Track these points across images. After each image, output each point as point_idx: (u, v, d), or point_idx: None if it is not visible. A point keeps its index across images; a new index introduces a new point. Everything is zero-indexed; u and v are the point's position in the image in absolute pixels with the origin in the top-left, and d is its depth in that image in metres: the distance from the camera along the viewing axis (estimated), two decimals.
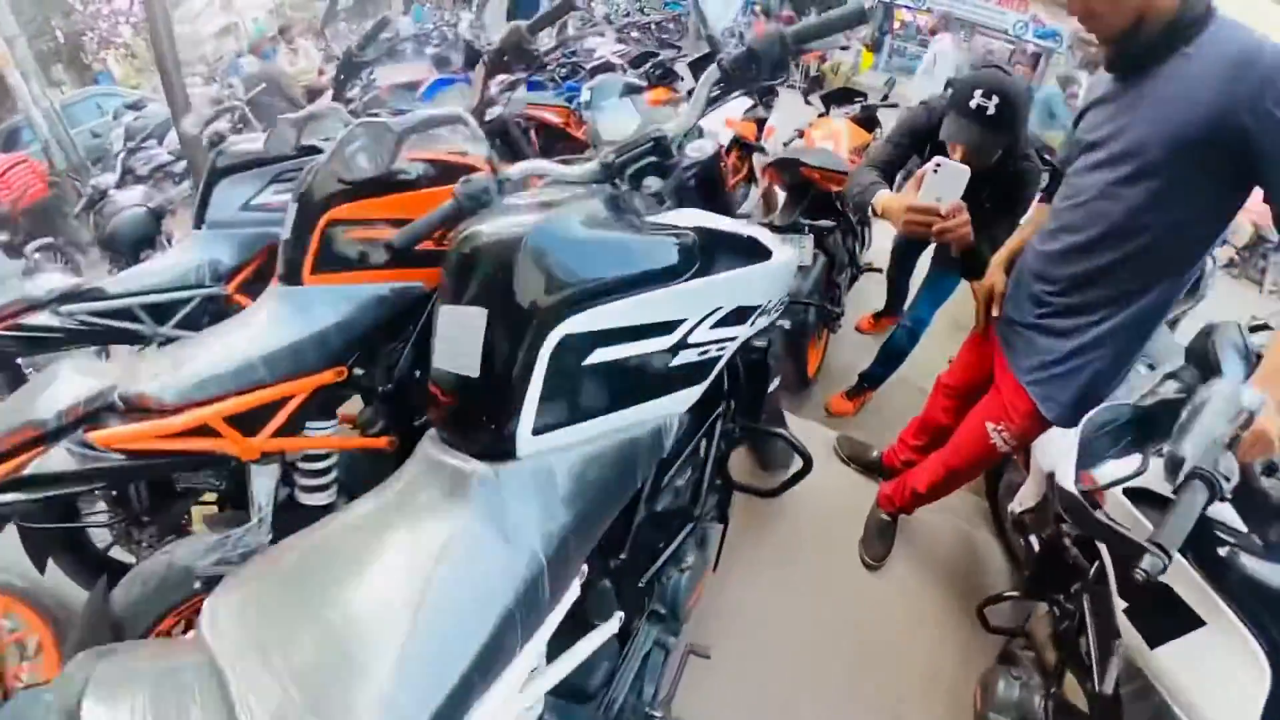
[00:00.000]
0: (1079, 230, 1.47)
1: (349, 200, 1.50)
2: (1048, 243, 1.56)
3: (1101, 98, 1.46)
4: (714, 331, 1.08)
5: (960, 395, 2.01)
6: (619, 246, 0.98)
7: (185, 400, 1.29)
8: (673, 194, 1.23)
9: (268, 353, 1.39)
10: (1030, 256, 1.64)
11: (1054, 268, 1.54)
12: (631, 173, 1.17)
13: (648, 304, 0.96)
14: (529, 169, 1.23)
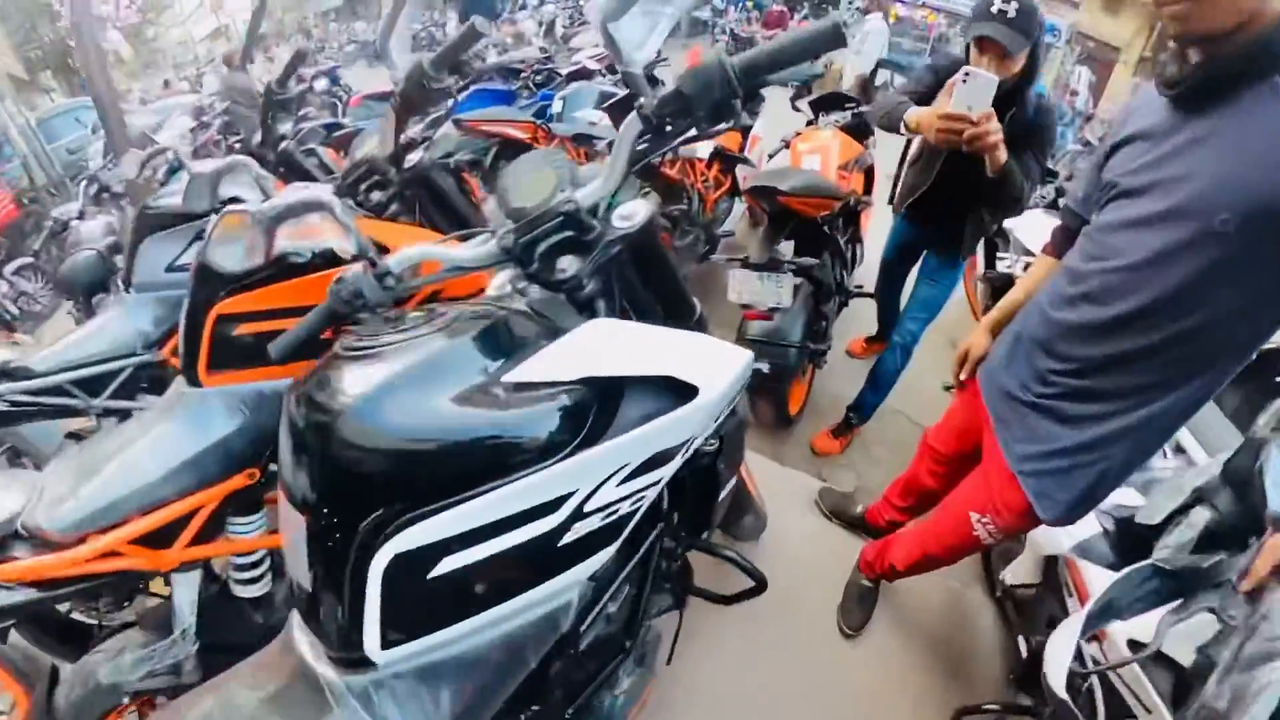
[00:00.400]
0: (1107, 302, 1.20)
1: (234, 294, 1.35)
2: (1063, 310, 1.29)
3: (1143, 132, 1.17)
4: (623, 488, 0.88)
5: (948, 463, 1.81)
6: (467, 433, 0.76)
7: (85, 530, 1.24)
8: (595, 276, 1.04)
9: (168, 470, 1.31)
10: (1036, 322, 1.37)
11: (1069, 343, 1.28)
12: (543, 251, 1.00)
13: (515, 495, 0.76)
14: (415, 256, 1.04)
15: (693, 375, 0.85)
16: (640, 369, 0.83)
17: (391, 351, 0.79)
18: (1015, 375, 1.40)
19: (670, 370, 0.83)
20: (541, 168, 1.03)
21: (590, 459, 0.80)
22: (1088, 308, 1.24)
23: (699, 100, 0.89)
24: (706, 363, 0.90)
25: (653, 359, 0.86)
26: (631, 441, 0.83)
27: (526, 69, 4.68)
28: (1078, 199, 1.42)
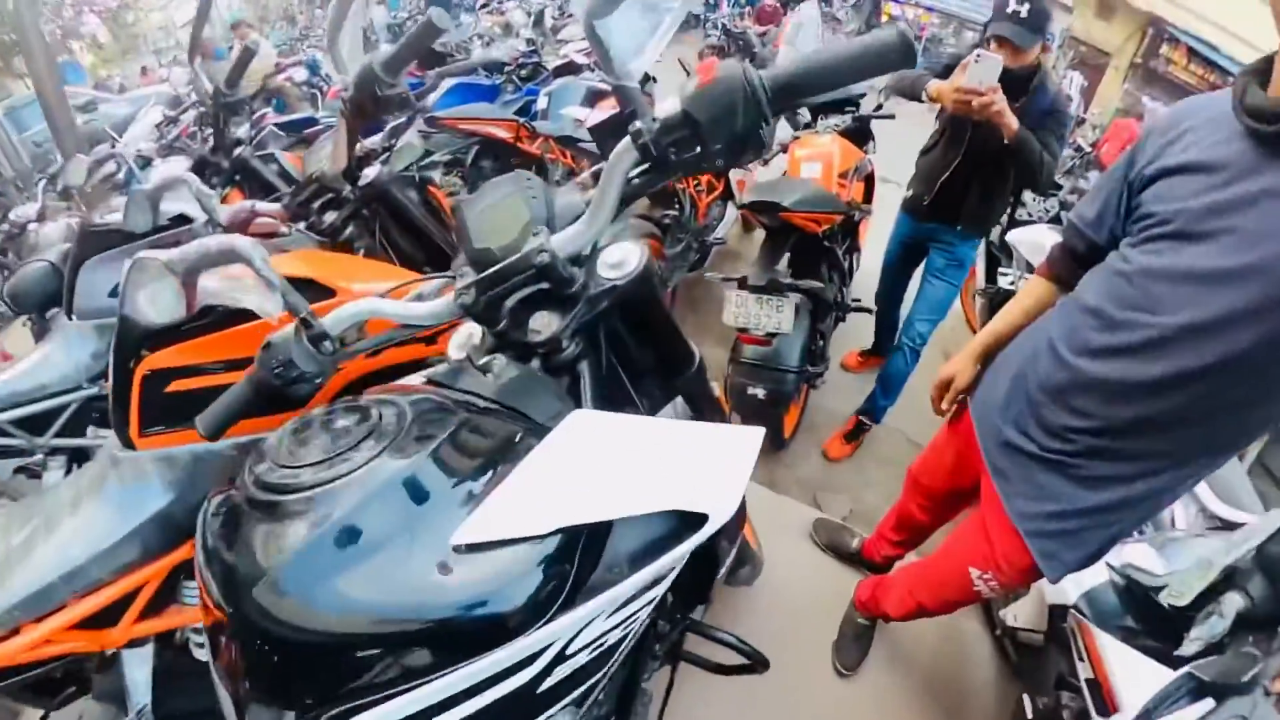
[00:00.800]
0: (1151, 361, 1.03)
1: (162, 346, 1.20)
2: (1088, 360, 1.12)
3: (1207, 163, 0.99)
4: (613, 618, 0.73)
5: (941, 500, 1.69)
6: (408, 616, 0.59)
7: (17, 621, 1.15)
8: (576, 338, 0.88)
9: (103, 550, 1.20)
10: (1048, 367, 1.19)
11: (1095, 399, 1.12)
12: (513, 305, 0.84)
13: (475, 672, 0.60)
14: (355, 314, 0.88)
15: (701, 500, 0.68)
16: (634, 506, 0.65)
17: (311, 502, 0.62)
18: (1017, 423, 1.25)
19: (673, 502, 0.66)
20: (510, 199, 0.86)
21: (569, 619, 0.63)
22: (1124, 363, 1.07)
23: (715, 129, 0.69)
24: (716, 471, 0.73)
25: (650, 487, 0.67)
26: (622, 589, 0.68)
27: (511, 62, 4.46)
28: (1088, 219, 1.24)
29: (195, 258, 0.90)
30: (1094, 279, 1.17)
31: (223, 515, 0.67)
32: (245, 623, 0.58)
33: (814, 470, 2.80)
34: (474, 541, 0.59)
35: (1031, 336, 1.30)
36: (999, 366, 1.36)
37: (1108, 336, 1.09)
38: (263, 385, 0.85)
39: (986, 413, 1.35)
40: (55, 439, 1.86)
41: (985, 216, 2.44)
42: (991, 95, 1.83)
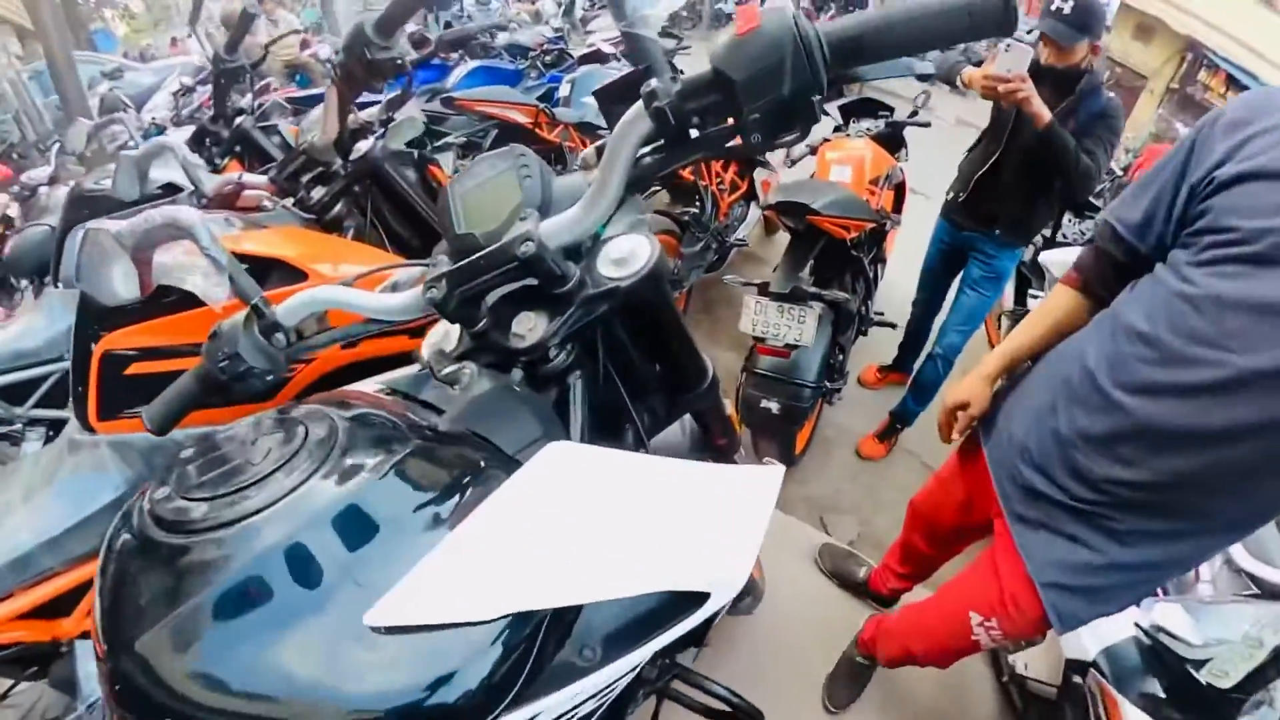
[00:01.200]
0: (1225, 401, 0.88)
1: (120, 325, 1.10)
2: (1143, 400, 0.95)
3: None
4: (579, 695, 0.60)
5: (940, 535, 1.58)
6: (313, 704, 0.47)
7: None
8: (568, 345, 0.75)
9: (53, 538, 1.16)
10: (1087, 403, 1.02)
11: (1147, 447, 0.96)
12: (495, 303, 0.72)
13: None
14: (311, 304, 0.75)
15: (702, 575, 0.55)
16: (615, 586, 0.52)
17: (205, 547, 0.50)
18: (1043, 466, 1.09)
19: (666, 580, 0.53)
20: (501, 178, 0.73)
21: (522, 713, 0.51)
22: (1188, 406, 0.91)
23: (754, 92, 0.54)
24: (724, 530, 0.59)
25: (638, 556, 0.54)
26: (594, 680, 0.55)
27: (536, 48, 4.35)
28: (1131, 222, 1.04)
29: (141, 232, 0.79)
30: (1142, 297, 1.00)
31: (121, 540, 0.56)
32: (120, 672, 0.48)
33: (823, 489, 2.67)
34: (390, 625, 0.46)
35: (1060, 361, 1.13)
36: (1021, 395, 1.20)
37: (1168, 373, 0.92)
38: (209, 379, 0.75)
39: (1005, 449, 1.19)
40: (34, 410, 1.81)
41: (1024, 223, 2.33)
42: (1018, 82, 1.82)
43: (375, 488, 0.53)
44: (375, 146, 1.50)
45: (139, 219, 0.79)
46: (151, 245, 0.81)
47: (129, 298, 0.94)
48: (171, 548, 0.50)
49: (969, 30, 0.51)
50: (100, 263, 0.93)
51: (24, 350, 1.79)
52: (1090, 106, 2.01)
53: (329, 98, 1.38)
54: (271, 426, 0.60)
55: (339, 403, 0.65)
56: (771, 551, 2.04)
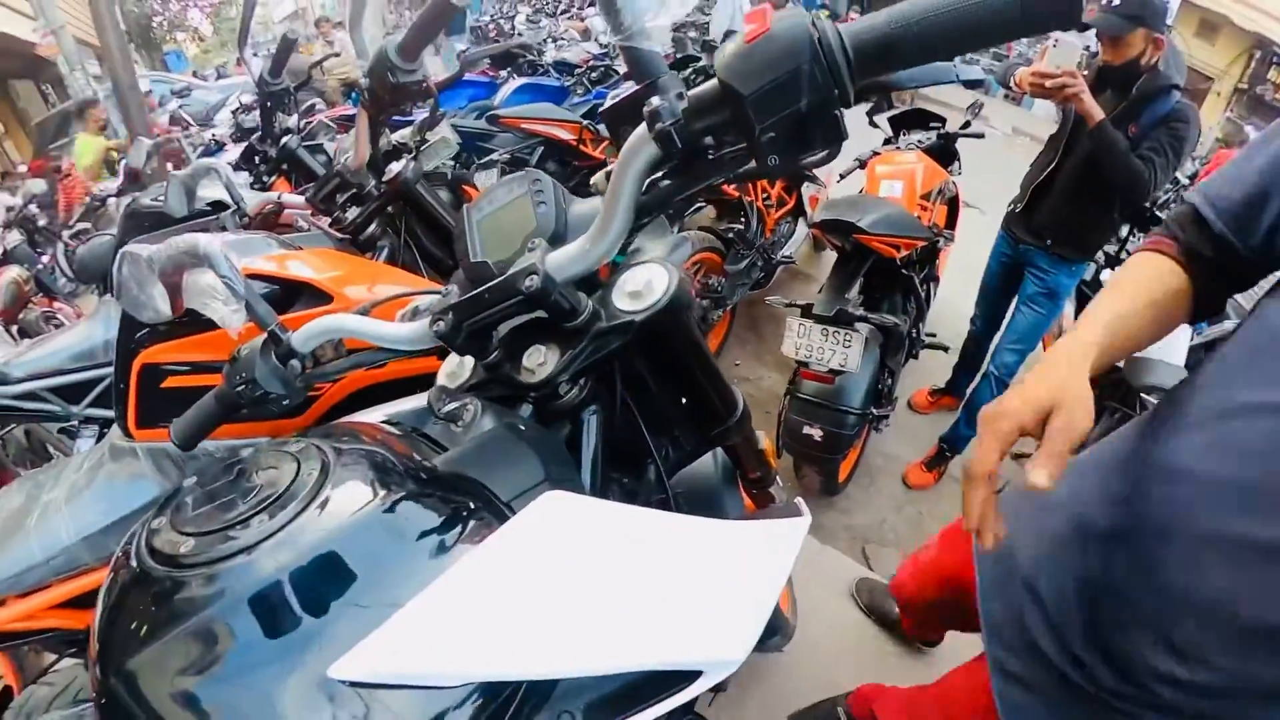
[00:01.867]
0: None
1: (158, 340, 1.16)
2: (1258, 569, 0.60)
3: None
4: None
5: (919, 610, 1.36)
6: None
7: (3, 594, 1.19)
8: (581, 380, 0.70)
9: (91, 535, 1.21)
10: (1149, 556, 0.68)
11: (1240, 643, 0.62)
12: (507, 335, 0.69)
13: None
14: (324, 331, 0.74)
15: (693, 655, 0.50)
16: (596, 660, 0.47)
17: (189, 585, 0.48)
18: (1058, 625, 0.76)
19: (654, 658, 0.48)
20: (516, 204, 0.70)
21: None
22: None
23: (766, 108, 0.47)
24: (728, 599, 0.53)
25: (627, 625, 0.49)
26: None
27: (582, 65, 4.38)
28: (1230, 206, 0.71)
29: (164, 260, 0.80)
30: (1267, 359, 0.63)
31: (122, 560, 0.56)
32: (110, 691, 0.47)
33: (867, 519, 2.57)
34: (355, 680, 0.43)
35: (1108, 458, 0.79)
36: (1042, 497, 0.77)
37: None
38: (229, 401, 0.76)
39: (1002, 572, 0.85)
40: (89, 408, 1.90)
41: (1079, 235, 2.21)
42: (1067, 78, 1.78)
43: (358, 534, 0.50)
44: (407, 168, 1.51)
45: (165, 245, 0.80)
46: (178, 269, 0.81)
47: (161, 318, 0.96)
48: (160, 580, 0.49)
49: (1023, 22, 0.42)
50: (136, 282, 0.95)
51: (81, 353, 1.88)
52: (1156, 109, 1.90)
53: (359, 121, 1.39)
54: (267, 461, 0.58)
55: (341, 435, 0.62)
56: (807, 584, 1.97)
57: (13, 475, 2.52)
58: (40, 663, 1.92)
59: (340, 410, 1.18)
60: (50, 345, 1.99)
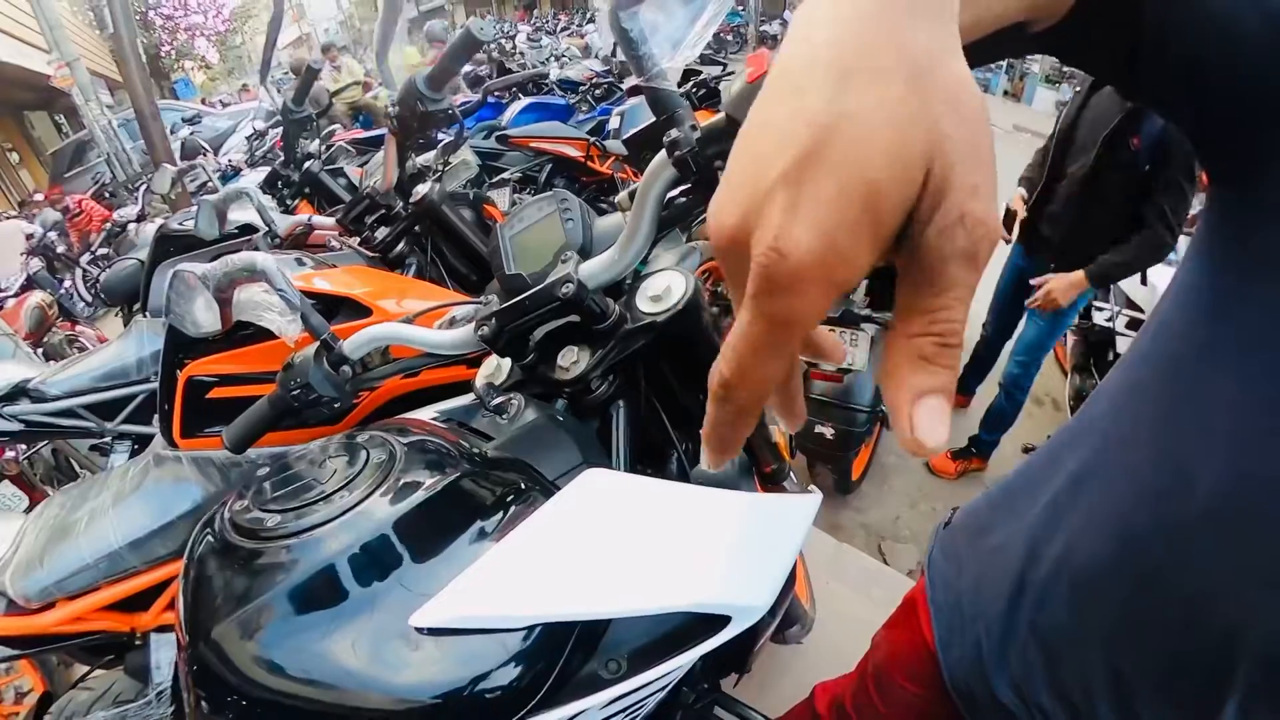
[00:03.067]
0: None
1: (202, 354, 1.23)
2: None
3: None
4: (607, 709, 0.61)
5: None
6: (366, 694, 0.51)
7: (53, 597, 1.22)
8: (610, 377, 0.78)
9: (138, 539, 1.25)
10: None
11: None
12: (541, 339, 0.77)
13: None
14: (374, 339, 0.83)
15: (725, 597, 0.56)
16: (640, 601, 0.53)
17: (276, 552, 0.56)
18: (1017, 682, 0.59)
19: (689, 598, 0.55)
20: (546, 221, 0.78)
21: (549, 717, 0.54)
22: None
23: None
24: (753, 557, 0.60)
25: (665, 576, 0.55)
26: (617, 690, 0.57)
27: (585, 82, 4.47)
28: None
29: (219, 276, 0.87)
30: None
31: (204, 543, 0.63)
32: (199, 655, 0.54)
33: (882, 517, 2.61)
34: (434, 626, 0.49)
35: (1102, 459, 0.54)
36: (995, 503, 0.68)
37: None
38: (282, 406, 0.83)
39: (955, 606, 0.67)
40: (123, 425, 1.96)
41: (1079, 257, 2.05)
42: (1041, 297, 1.97)
43: (426, 506, 0.58)
44: (432, 189, 1.58)
45: (219, 263, 0.86)
46: (231, 285, 0.88)
47: (211, 332, 1.03)
48: (247, 551, 0.57)
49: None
50: (186, 300, 1.01)
51: (114, 371, 1.95)
52: (1157, 119, 1.75)
53: (387, 147, 1.47)
54: (337, 450, 0.65)
55: (398, 429, 0.70)
56: (825, 580, 2.00)
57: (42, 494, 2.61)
58: (69, 676, 1.94)
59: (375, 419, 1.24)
60: (84, 364, 2.05)
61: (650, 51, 0.68)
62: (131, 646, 1.38)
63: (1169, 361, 0.48)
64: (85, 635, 1.27)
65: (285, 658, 0.51)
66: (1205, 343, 0.44)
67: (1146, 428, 0.48)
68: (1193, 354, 0.45)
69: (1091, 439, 0.54)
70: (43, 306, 3.90)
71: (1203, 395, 0.44)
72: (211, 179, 2.62)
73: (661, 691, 0.67)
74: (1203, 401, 0.44)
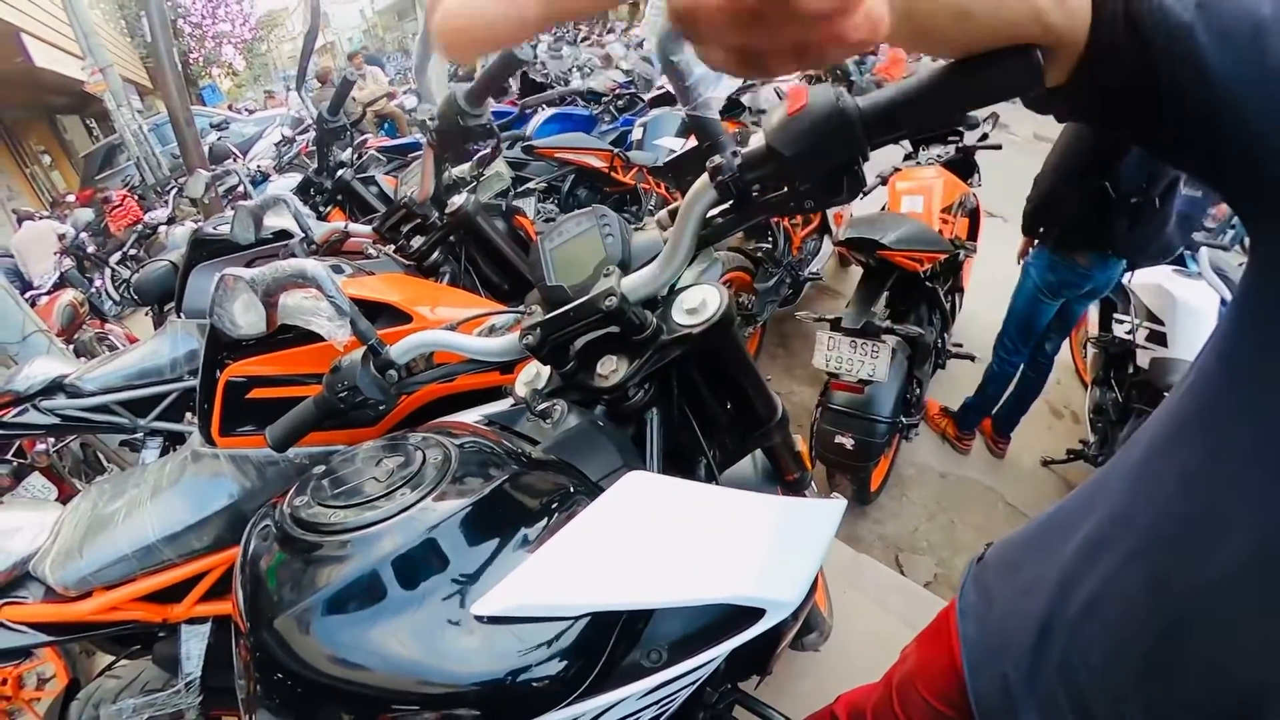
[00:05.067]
0: None
1: (243, 356, 1.26)
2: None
3: None
4: (644, 699, 0.65)
5: None
6: (425, 680, 0.54)
7: (90, 586, 1.24)
8: (645, 385, 0.81)
9: (174, 533, 1.28)
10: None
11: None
12: (582, 347, 0.80)
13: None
14: (421, 345, 0.87)
15: (759, 592, 0.60)
16: (682, 593, 0.57)
17: (339, 546, 0.59)
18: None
19: (727, 592, 0.59)
20: (586, 236, 0.82)
21: (594, 703, 0.57)
22: None
23: (803, 166, 0.60)
24: (783, 557, 0.64)
25: (704, 571, 0.59)
26: (658, 678, 0.60)
27: (608, 93, 4.52)
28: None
29: (270, 281, 0.91)
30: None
31: (262, 535, 0.66)
32: (261, 644, 0.57)
33: (900, 528, 2.61)
34: (494, 614, 0.53)
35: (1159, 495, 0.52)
36: (1033, 541, 0.68)
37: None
38: (328, 407, 0.86)
39: (991, 653, 0.66)
40: (155, 422, 2.01)
41: (1050, 225, 2.29)
42: None
43: (483, 505, 0.61)
44: (468, 200, 1.62)
45: (269, 268, 0.90)
46: (279, 290, 0.91)
47: (255, 334, 1.06)
48: (308, 544, 0.59)
49: (998, 91, 0.49)
50: (232, 302, 1.05)
51: (148, 370, 2.00)
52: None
53: (425, 159, 1.51)
54: (394, 450, 0.68)
55: (448, 431, 0.72)
56: (843, 590, 2.01)
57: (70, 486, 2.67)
58: (90, 665, 2.02)
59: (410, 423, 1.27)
60: (119, 362, 2.10)
61: (696, 83, 0.72)
62: (159, 637, 1.42)
63: (1207, 415, 0.48)
64: (119, 625, 1.29)
65: (347, 646, 0.54)
66: (1243, 398, 0.44)
67: (1179, 481, 0.49)
68: (1231, 409, 0.45)
69: (1127, 483, 0.55)
70: (75, 304, 3.99)
71: (1237, 452, 0.44)
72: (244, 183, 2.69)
73: (691, 687, 0.70)
74: (1237, 459, 0.44)
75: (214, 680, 1.38)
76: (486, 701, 0.53)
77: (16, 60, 7.95)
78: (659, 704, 0.66)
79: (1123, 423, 2.41)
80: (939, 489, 2.76)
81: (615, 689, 0.57)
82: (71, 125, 14.93)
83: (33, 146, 13.34)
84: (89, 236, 5.74)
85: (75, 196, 8.36)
